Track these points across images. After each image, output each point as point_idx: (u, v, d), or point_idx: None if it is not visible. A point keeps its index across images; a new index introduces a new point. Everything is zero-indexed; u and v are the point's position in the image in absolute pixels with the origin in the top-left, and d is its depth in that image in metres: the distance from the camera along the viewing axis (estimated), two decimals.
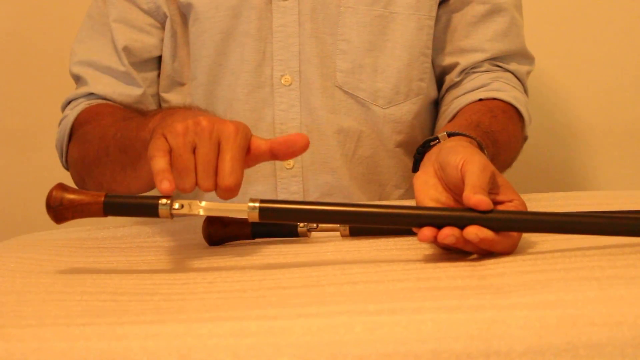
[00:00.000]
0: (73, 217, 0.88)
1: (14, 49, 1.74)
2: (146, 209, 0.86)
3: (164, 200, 0.85)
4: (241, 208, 0.85)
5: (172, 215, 0.86)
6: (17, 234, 1.17)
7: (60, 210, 0.87)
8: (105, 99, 1.25)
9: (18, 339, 0.67)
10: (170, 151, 0.88)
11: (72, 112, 1.25)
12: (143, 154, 1.03)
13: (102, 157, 1.12)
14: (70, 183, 1.00)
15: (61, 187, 0.88)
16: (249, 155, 0.91)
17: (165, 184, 0.84)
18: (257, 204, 0.85)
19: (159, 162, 0.87)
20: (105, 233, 1.10)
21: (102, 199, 0.87)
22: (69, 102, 1.28)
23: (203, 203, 0.86)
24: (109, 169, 1.12)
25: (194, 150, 0.88)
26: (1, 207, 1.79)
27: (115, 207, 0.87)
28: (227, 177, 0.87)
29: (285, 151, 0.92)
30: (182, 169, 0.87)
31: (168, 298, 0.78)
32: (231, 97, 1.24)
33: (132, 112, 1.21)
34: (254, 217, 0.85)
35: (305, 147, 0.92)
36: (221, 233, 1.00)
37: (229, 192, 0.87)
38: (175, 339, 0.66)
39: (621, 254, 0.80)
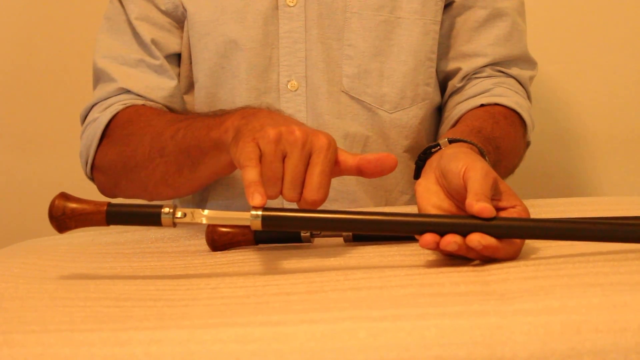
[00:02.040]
0: (76, 227, 0.88)
1: (16, 53, 1.75)
2: (149, 217, 0.86)
3: (166, 209, 0.85)
4: (244, 216, 0.85)
5: (174, 224, 0.86)
6: (20, 239, 1.17)
7: (62, 219, 0.87)
8: (137, 95, 1.23)
9: (22, 344, 0.67)
10: (261, 157, 0.88)
11: (105, 114, 1.21)
12: (210, 153, 1.03)
13: (155, 158, 1.11)
14: (68, 188, 0.99)
15: (63, 196, 0.88)
16: (335, 169, 0.92)
17: (257, 198, 0.84)
18: (259, 213, 0.85)
19: (251, 173, 0.87)
20: (108, 239, 1.10)
21: (105, 208, 0.87)
22: (92, 106, 1.25)
23: (206, 212, 0.86)
24: (160, 171, 1.11)
25: (283, 158, 0.88)
26: (4, 212, 1.79)
27: (118, 216, 0.87)
28: (314, 191, 0.88)
29: (372, 170, 0.92)
30: (271, 177, 0.88)
31: (171, 304, 0.79)
32: (234, 101, 1.23)
33: (183, 113, 1.19)
34: (257, 225, 0.85)
35: (392, 168, 0.92)
36: (225, 239, 1.00)
37: (313, 206, 0.88)
38: (178, 345, 0.66)
39: (625, 260, 0.80)
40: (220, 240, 1.00)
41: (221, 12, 1.23)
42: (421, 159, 1.03)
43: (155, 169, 1.11)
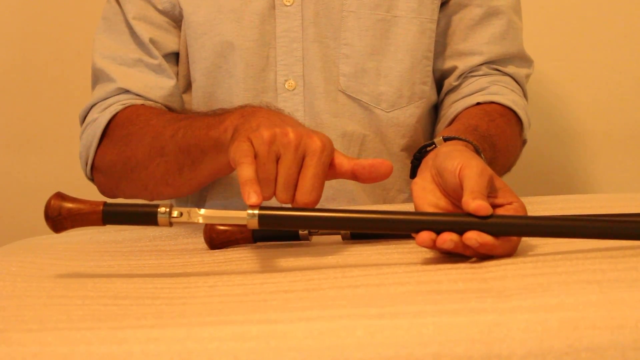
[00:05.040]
0: (72, 227, 0.88)
1: (15, 53, 1.75)
2: (145, 217, 0.86)
3: (162, 209, 0.85)
4: (240, 216, 0.85)
5: (171, 224, 0.86)
6: (18, 238, 1.17)
7: (59, 220, 0.87)
8: (136, 94, 1.22)
9: (19, 343, 0.67)
10: (255, 157, 0.88)
11: (104, 114, 1.20)
12: (210, 153, 1.03)
13: (155, 158, 1.11)
14: (66, 187, 0.99)
15: (59, 196, 0.88)
16: (330, 171, 0.92)
17: (253, 197, 0.84)
18: (256, 212, 0.84)
19: (247, 170, 0.87)
20: (106, 237, 1.10)
21: (101, 207, 0.87)
22: (92, 106, 1.24)
23: (202, 211, 0.86)
24: (160, 170, 1.11)
25: (277, 160, 0.88)
26: (2, 211, 1.79)
27: (114, 215, 0.87)
28: (306, 194, 0.88)
29: (367, 176, 0.92)
30: (264, 178, 0.88)
31: (169, 302, 0.79)
32: (231, 101, 1.23)
33: (182, 112, 1.19)
34: (254, 224, 0.85)
35: (387, 175, 0.92)
36: (222, 237, 1.00)
37: (306, 207, 0.88)
38: (176, 343, 0.66)
39: (622, 257, 0.80)
40: (218, 239, 1.00)
41: (218, 12, 1.23)
42: (417, 158, 1.03)
43: (155, 169, 1.11)
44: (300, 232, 0.98)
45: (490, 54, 1.26)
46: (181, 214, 0.85)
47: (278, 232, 0.99)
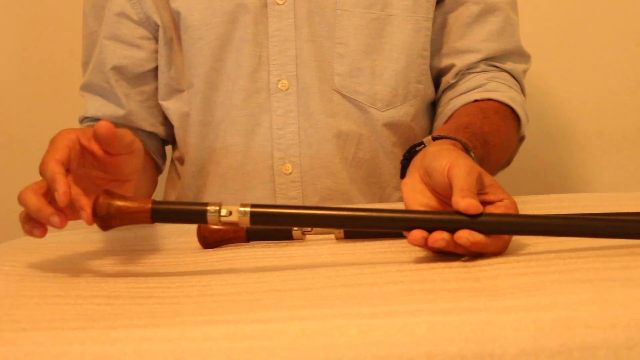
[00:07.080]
0: (120, 225, 0.86)
1: (15, 52, 1.74)
2: (194, 215, 0.85)
3: (212, 208, 0.84)
4: None
5: (221, 222, 0.85)
6: (11, 237, 1.17)
7: (107, 219, 0.86)
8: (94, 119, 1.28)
9: (12, 342, 0.67)
10: None
11: None
12: None
13: None
14: None
15: (107, 194, 0.87)
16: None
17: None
18: (248, 209, 0.84)
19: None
20: (99, 236, 1.10)
21: (150, 206, 0.86)
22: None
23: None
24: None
25: None
26: (2, 211, 1.79)
27: (163, 214, 0.86)
28: None
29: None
30: None
31: (162, 301, 0.78)
32: (229, 104, 1.23)
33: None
34: (245, 222, 0.85)
35: (107, 134, 0.93)
36: (216, 236, 1.00)
37: None
38: (169, 342, 0.66)
39: (615, 256, 0.80)
40: (211, 238, 1.00)
41: (212, 15, 1.22)
42: (406, 158, 1.03)
43: None
44: (293, 231, 0.98)
45: (488, 51, 1.26)
46: (230, 213, 0.85)
47: (271, 231, 0.99)
